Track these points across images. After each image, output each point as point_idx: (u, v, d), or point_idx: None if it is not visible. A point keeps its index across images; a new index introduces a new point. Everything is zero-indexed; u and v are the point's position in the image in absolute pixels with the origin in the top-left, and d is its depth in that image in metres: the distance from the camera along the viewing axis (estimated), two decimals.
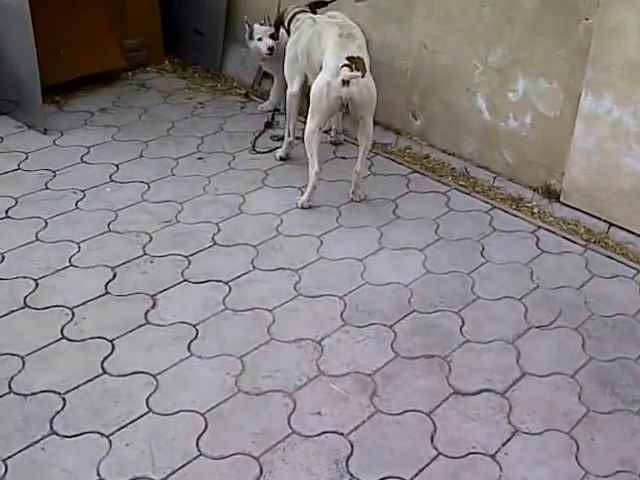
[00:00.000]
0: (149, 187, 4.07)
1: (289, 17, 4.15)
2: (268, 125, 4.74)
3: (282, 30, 4.28)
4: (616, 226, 3.74)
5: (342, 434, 2.63)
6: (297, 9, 4.16)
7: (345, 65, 3.52)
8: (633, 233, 3.68)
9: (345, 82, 3.55)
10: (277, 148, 4.42)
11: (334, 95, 3.61)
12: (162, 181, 4.13)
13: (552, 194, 3.98)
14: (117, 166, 4.25)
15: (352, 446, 2.58)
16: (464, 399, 2.79)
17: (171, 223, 3.77)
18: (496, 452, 2.58)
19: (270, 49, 4.44)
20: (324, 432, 2.63)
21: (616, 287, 3.42)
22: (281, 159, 4.35)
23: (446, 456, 2.56)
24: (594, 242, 3.72)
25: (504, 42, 3.98)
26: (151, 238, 3.65)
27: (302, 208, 3.90)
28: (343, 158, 4.44)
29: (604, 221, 3.78)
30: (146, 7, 5.33)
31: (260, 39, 4.47)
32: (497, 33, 3.99)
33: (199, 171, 4.24)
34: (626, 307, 3.29)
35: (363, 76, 3.59)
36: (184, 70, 5.55)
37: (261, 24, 4.49)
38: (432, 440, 2.61)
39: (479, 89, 4.18)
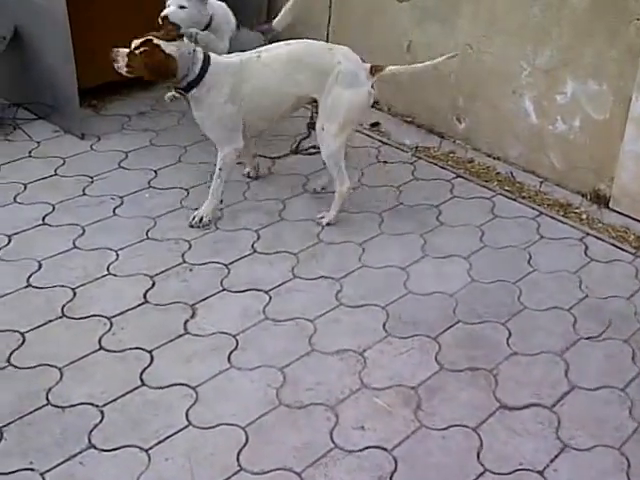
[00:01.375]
0: (188, 193, 4.10)
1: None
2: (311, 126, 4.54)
3: None
4: None
5: (386, 449, 2.63)
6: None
7: (374, 67, 3.61)
8: None
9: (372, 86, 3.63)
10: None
11: (371, 102, 3.71)
12: (201, 187, 4.13)
13: (601, 200, 3.96)
14: (155, 172, 4.29)
15: (396, 462, 2.59)
16: (511, 413, 2.78)
17: (210, 230, 3.81)
18: (544, 468, 2.57)
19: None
20: (367, 447, 2.64)
21: None
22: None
23: (493, 472, 2.55)
24: None
25: (552, 43, 3.96)
26: (190, 245, 3.68)
27: (329, 225, 3.85)
28: (385, 162, 4.45)
29: None
30: None
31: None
32: (545, 34, 3.97)
33: (238, 176, 4.25)
34: None
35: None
36: None
37: None
38: (478, 456, 2.61)
39: (526, 91, 4.17)
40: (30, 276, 3.42)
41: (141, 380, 2.89)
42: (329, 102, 3.61)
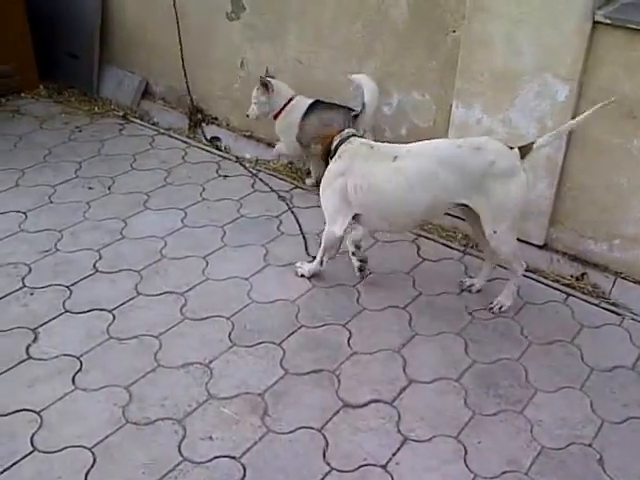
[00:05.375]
0: (26, 216, 3.92)
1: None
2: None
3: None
4: None
5: (234, 458, 2.58)
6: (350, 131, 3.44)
7: (523, 147, 3.15)
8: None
9: None
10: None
11: None
12: (40, 209, 3.99)
13: None
14: None
15: (245, 469, 2.53)
16: (354, 411, 2.79)
17: (51, 252, 3.64)
18: (387, 462, 2.58)
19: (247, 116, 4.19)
20: (216, 457, 2.58)
21: (494, 289, 3.47)
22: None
23: (338, 470, 2.54)
24: (472, 247, 3.81)
25: (376, 56, 4.03)
26: (30, 269, 3.51)
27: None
28: (225, 176, 4.40)
29: None
30: (16, 31, 5.14)
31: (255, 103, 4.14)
32: (369, 48, 4.04)
33: (78, 197, 4.11)
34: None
35: None
36: (60, 94, 5.40)
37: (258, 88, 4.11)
38: (324, 456, 2.59)
39: (355, 104, 4.21)
40: None
41: None
42: (494, 203, 3.11)
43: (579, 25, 3.23)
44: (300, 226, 3.92)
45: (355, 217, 3.31)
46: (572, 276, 3.60)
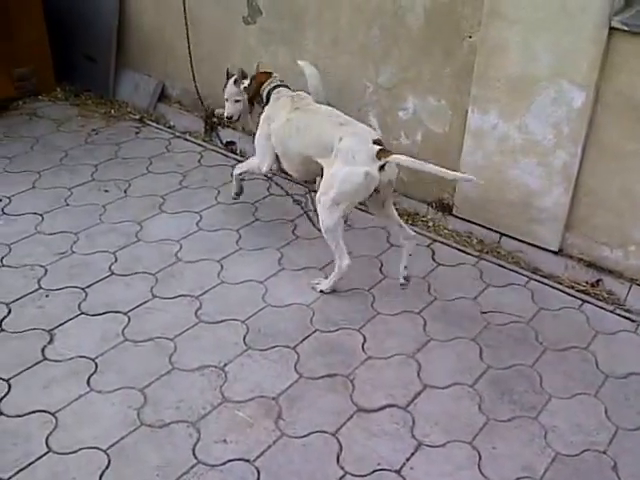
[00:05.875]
0: (43, 218, 3.94)
1: (268, 89, 3.82)
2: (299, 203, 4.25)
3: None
4: (507, 236, 3.83)
5: (248, 461, 2.58)
6: (278, 82, 3.87)
7: (381, 150, 3.28)
8: (523, 242, 3.78)
9: (382, 167, 3.27)
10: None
11: (373, 184, 3.30)
12: (56, 212, 4.00)
13: (445, 208, 4.05)
14: (9, 198, 4.11)
15: (259, 472, 2.54)
16: (368, 416, 2.78)
17: (66, 254, 3.66)
18: (401, 467, 2.58)
19: (229, 118, 4.06)
20: (230, 460, 2.58)
21: (509, 295, 3.49)
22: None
23: (352, 475, 2.54)
24: (487, 252, 3.80)
25: (392, 61, 4.03)
26: (46, 271, 3.52)
27: (322, 292, 3.51)
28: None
29: (495, 232, 3.87)
30: (34, 34, 5.17)
31: (227, 99, 4.01)
32: (386, 53, 4.03)
33: (94, 200, 4.13)
34: (520, 314, 3.37)
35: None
36: (77, 97, 5.41)
37: (235, 81, 3.99)
38: (338, 460, 2.59)
39: (370, 108, 4.22)
40: None
41: None
42: (328, 175, 3.35)
43: (595, 31, 3.22)
44: (314, 224, 3.90)
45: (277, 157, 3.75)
46: (587, 282, 3.58)
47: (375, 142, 3.30)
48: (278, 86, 3.84)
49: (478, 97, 3.69)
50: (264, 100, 3.83)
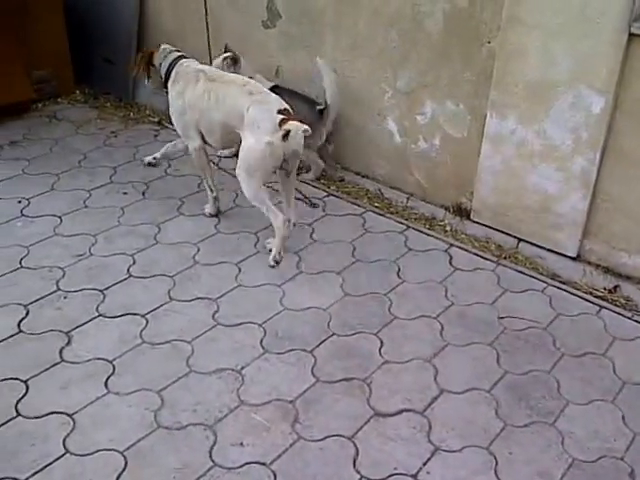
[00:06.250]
0: (61, 220, 3.96)
1: (170, 60, 3.92)
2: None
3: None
4: (525, 241, 3.82)
5: (265, 464, 2.58)
6: (178, 53, 3.97)
7: (283, 119, 3.39)
8: (541, 247, 3.77)
9: (285, 137, 3.40)
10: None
11: (278, 153, 3.44)
12: (75, 214, 4.02)
13: (463, 212, 4.04)
14: (28, 200, 4.13)
15: (275, 476, 2.53)
16: (384, 420, 2.78)
17: (85, 256, 3.67)
18: (417, 472, 2.57)
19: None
20: (246, 463, 2.58)
21: (527, 301, 3.47)
22: (211, 215, 4.06)
23: (369, 479, 2.53)
24: (505, 258, 3.78)
25: (411, 66, 4.03)
26: (64, 273, 3.54)
27: (277, 263, 3.65)
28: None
29: (513, 237, 3.86)
30: (54, 37, 5.21)
31: None
32: (404, 58, 4.03)
33: (113, 202, 4.15)
34: (537, 320, 3.34)
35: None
36: (96, 100, 5.46)
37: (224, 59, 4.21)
38: (354, 464, 2.58)
39: (389, 112, 4.22)
40: None
41: (16, 410, 2.77)
42: (241, 148, 3.53)
43: (615, 37, 3.20)
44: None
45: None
46: (605, 288, 3.56)
47: (280, 111, 3.43)
48: (181, 57, 3.92)
49: (497, 102, 3.68)
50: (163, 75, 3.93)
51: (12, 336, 3.14)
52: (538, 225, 3.74)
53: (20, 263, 3.60)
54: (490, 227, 3.91)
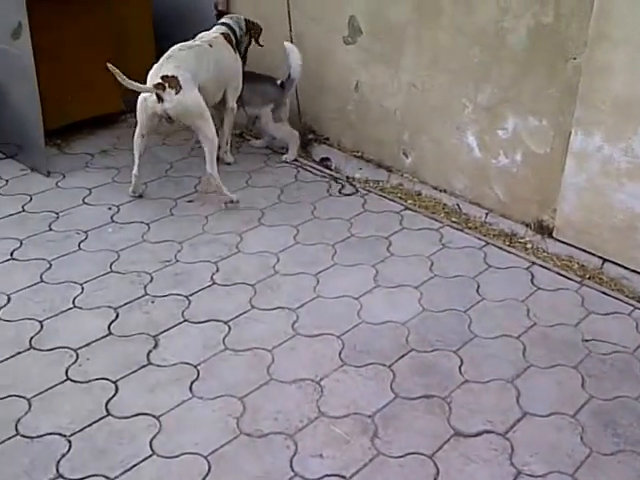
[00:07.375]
0: (149, 227, 3.97)
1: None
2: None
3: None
4: (610, 262, 3.64)
5: (344, 477, 2.51)
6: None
7: (158, 84, 3.85)
8: (627, 268, 3.59)
9: (160, 99, 3.86)
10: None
11: (150, 111, 3.95)
12: (162, 221, 4.04)
13: (545, 230, 3.89)
14: (118, 207, 4.17)
15: None
16: (465, 440, 2.67)
17: (171, 263, 3.68)
18: None
19: None
20: (326, 475, 2.51)
21: (613, 324, 3.31)
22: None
23: None
24: (589, 278, 3.62)
25: (493, 81, 3.91)
26: (152, 278, 3.55)
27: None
28: (346, 195, 4.38)
29: (598, 257, 3.69)
30: (144, 54, 5.23)
31: None
32: (486, 72, 3.92)
33: (197, 211, 4.15)
34: (624, 344, 3.18)
35: (177, 93, 3.86)
36: None
37: None
38: None
39: (469, 127, 4.11)
40: None
41: (106, 410, 2.78)
42: None
43: None
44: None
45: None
46: None
47: (165, 77, 3.87)
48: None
49: (582, 119, 3.54)
50: None
51: (103, 337, 3.15)
52: (624, 245, 3.57)
53: (110, 267, 3.62)
54: (573, 246, 3.75)
